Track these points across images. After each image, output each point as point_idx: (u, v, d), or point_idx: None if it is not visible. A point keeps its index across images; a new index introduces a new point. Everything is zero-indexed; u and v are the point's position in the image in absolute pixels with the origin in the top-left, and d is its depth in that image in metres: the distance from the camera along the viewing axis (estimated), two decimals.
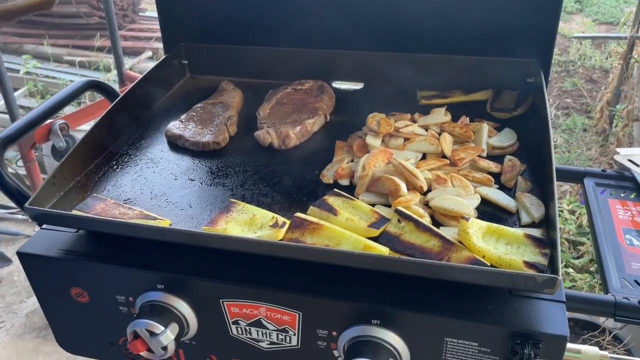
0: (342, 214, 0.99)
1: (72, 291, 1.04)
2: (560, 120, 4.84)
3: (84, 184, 1.17)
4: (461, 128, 1.23)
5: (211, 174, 1.21)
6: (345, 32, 1.48)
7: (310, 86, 1.48)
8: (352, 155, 1.22)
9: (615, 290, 0.98)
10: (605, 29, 6.68)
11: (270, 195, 1.13)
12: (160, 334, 0.93)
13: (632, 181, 1.28)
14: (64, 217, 1.02)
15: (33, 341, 2.78)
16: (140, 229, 0.96)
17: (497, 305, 0.86)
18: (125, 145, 1.32)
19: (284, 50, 1.55)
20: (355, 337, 0.88)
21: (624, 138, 3.98)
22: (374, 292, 0.89)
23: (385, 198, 1.07)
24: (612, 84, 4.34)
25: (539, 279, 0.78)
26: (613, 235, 1.13)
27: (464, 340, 0.85)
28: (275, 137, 1.27)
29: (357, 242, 0.92)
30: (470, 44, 1.40)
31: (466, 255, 0.88)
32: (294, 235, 0.96)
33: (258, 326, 0.97)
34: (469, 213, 0.98)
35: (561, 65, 5.82)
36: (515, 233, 0.92)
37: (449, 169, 1.14)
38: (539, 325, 0.82)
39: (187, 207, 1.10)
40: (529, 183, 1.09)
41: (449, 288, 0.88)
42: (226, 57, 1.61)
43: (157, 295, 0.96)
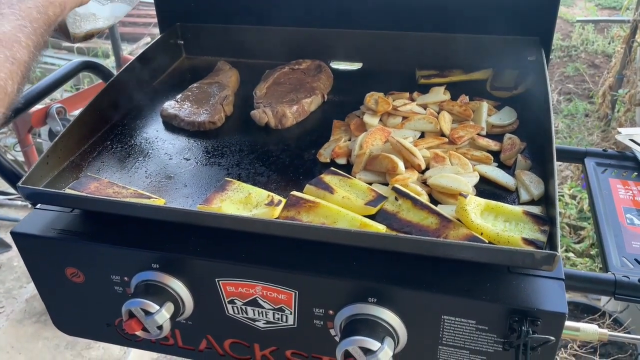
0: (338, 193, 0.98)
1: (67, 271, 1.03)
2: (562, 105, 4.81)
3: (78, 163, 1.16)
4: (460, 106, 1.22)
5: (207, 154, 1.19)
6: (343, 11, 1.46)
7: (308, 66, 1.46)
8: (349, 135, 1.20)
9: (615, 268, 0.97)
10: (608, 14, 6.62)
11: (266, 175, 1.11)
12: (156, 313, 0.92)
13: (634, 161, 1.27)
14: (57, 196, 1.01)
15: (33, 326, 2.79)
16: (134, 208, 0.95)
17: (495, 282, 0.85)
18: (120, 125, 1.30)
19: (281, 29, 1.53)
20: (351, 316, 0.88)
21: (626, 123, 3.95)
22: (370, 270, 0.88)
23: (382, 177, 1.06)
24: (614, 68, 4.31)
25: (538, 256, 0.77)
26: (614, 215, 1.12)
27: (462, 318, 0.85)
28: (271, 116, 1.26)
29: (353, 220, 0.91)
30: (470, 22, 1.37)
31: (464, 233, 0.87)
32: (290, 213, 0.95)
33: (254, 305, 0.96)
34: (467, 190, 0.97)
35: (563, 50, 5.77)
36: (514, 210, 0.91)
37: (447, 147, 1.12)
38: (537, 302, 0.81)
39: (182, 186, 1.09)
40: (528, 161, 1.07)
41: (447, 266, 0.87)
42: (222, 37, 1.58)
43: (152, 275, 0.96)
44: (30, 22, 0.74)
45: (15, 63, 0.69)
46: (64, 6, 0.84)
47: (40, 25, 0.76)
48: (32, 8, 0.75)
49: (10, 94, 0.68)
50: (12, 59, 0.68)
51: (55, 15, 0.82)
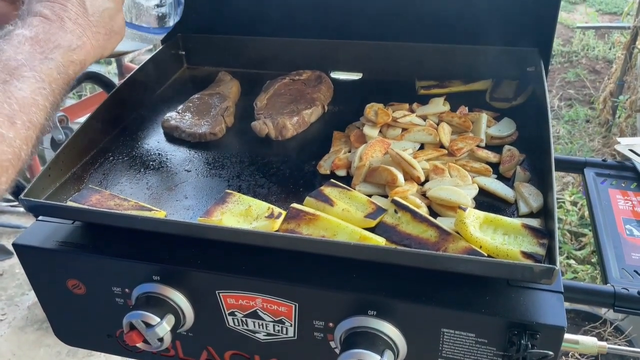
0: (338, 205, 0.99)
1: (68, 283, 1.04)
2: (563, 111, 4.81)
3: (79, 175, 1.17)
4: (460, 118, 1.22)
5: (207, 165, 1.20)
6: (343, 21, 1.47)
7: (308, 76, 1.47)
8: (349, 146, 1.21)
9: (615, 280, 0.98)
10: (609, 19, 6.63)
11: (267, 186, 1.12)
12: (156, 325, 0.92)
13: (633, 171, 1.27)
14: (59, 209, 1.02)
15: (35, 333, 2.79)
16: (135, 220, 0.96)
17: (494, 295, 0.85)
18: (122, 136, 1.31)
19: (281, 40, 1.54)
20: (351, 328, 0.88)
21: (626, 129, 3.95)
22: (370, 283, 0.89)
23: (382, 189, 1.06)
24: (615, 74, 4.31)
25: (537, 269, 0.78)
26: (613, 226, 1.12)
27: (461, 331, 0.85)
28: (272, 127, 1.26)
29: (353, 232, 0.91)
30: (469, 33, 1.38)
31: (463, 246, 0.88)
32: (290, 226, 0.95)
33: (254, 317, 0.96)
34: (467, 203, 0.97)
35: (564, 56, 5.78)
36: (513, 223, 0.91)
37: (447, 159, 1.13)
38: (536, 315, 0.81)
39: (183, 198, 1.10)
40: (527, 173, 1.08)
41: (446, 279, 0.87)
42: (223, 47, 1.59)
43: (153, 287, 0.96)
44: (49, 84, 0.74)
45: (31, 128, 0.69)
46: (84, 64, 0.84)
47: (59, 85, 0.77)
48: (53, 69, 0.76)
49: (24, 159, 0.69)
50: (28, 123, 0.68)
51: (75, 74, 0.82)
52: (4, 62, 0.70)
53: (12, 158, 0.66)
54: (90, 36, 0.85)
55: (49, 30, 0.79)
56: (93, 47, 0.86)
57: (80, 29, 0.83)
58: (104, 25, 0.89)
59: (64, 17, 0.81)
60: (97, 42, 0.87)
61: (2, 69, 0.69)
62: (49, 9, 0.81)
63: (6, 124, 0.65)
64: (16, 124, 0.67)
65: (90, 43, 0.85)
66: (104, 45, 0.90)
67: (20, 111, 0.68)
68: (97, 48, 0.88)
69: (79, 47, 0.82)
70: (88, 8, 0.85)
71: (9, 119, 0.66)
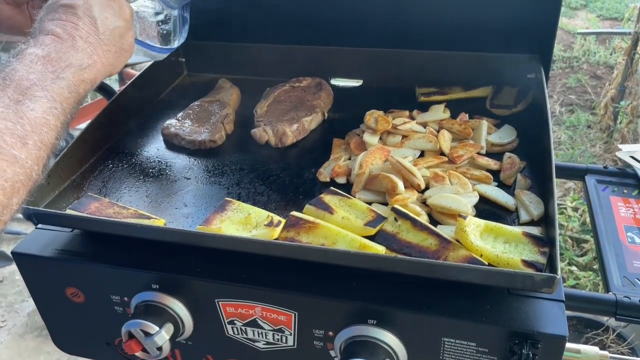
0: (338, 213, 0.98)
1: (67, 291, 1.03)
2: (564, 116, 4.81)
3: (79, 183, 1.17)
4: (460, 125, 1.22)
5: (207, 173, 1.20)
6: (343, 28, 1.47)
7: (308, 83, 1.47)
8: (349, 153, 1.21)
9: (617, 288, 0.97)
10: (610, 25, 6.64)
11: (266, 194, 1.12)
12: (155, 334, 0.92)
13: (634, 178, 1.27)
14: (58, 217, 1.01)
15: (35, 340, 2.79)
16: (134, 229, 0.95)
17: (495, 304, 0.85)
18: (121, 144, 1.31)
19: (281, 47, 1.54)
20: (351, 337, 0.87)
21: (628, 134, 3.95)
22: (370, 292, 0.88)
23: (382, 196, 1.06)
24: (616, 80, 4.31)
25: (538, 278, 0.77)
26: (615, 233, 1.11)
27: (462, 340, 0.84)
28: (272, 134, 1.26)
29: (353, 241, 0.91)
30: (469, 40, 1.38)
31: (464, 254, 0.87)
32: (290, 234, 0.95)
33: (254, 326, 0.96)
34: (467, 211, 0.97)
35: (565, 62, 5.79)
36: (513, 231, 0.91)
37: (447, 167, 1.12)
38: (537, 325, 0.81)
39: (182, 206, 1.10)
40: (528, 180, 1.07)
41: (446, 287, 0.86)
42: (224, 54, 1.60)
43: (152, 295, 0.96)
44: (60, 103, 0.75)
45: (42, 148, 0.70)
46: (94, 82, 0.85)
47: (70, 104, 0.78)
48: (64, 88, 0.77)
49: (35, 179, 0.69)
50: (39, 143, 0.69)
51: (85, 92, 0.83)
52: (17, 82, 0.71)
53: (24, 179, 0.66)
54: (101, 54, 0.86)
55: (60, 49, 0.79)
56: (103, 65, 0.87)
57: (91, 47, 0.84)
58: (114, 43, 0.89)
59: (75, 35, 0.82)
60: (108, 60, 0.88)
61: (15, 88, 0.70)
62: (61, 27, 0.82)
63: (18, 145, 0.66)
64: (28, 145, 0.67)
65: (101, 61, 0.86)
66: (114, 63, 0.91)
67: (32, 131, 0.68)
68: (107, 66, 0.89)
69: (90, 66, 0.83)
70: (99, 26, 0.86)
71: (22, 139, 0.66)
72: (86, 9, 0.85)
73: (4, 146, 0.64)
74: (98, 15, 0.86)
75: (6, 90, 0.69)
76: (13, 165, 0.65)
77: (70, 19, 0.83)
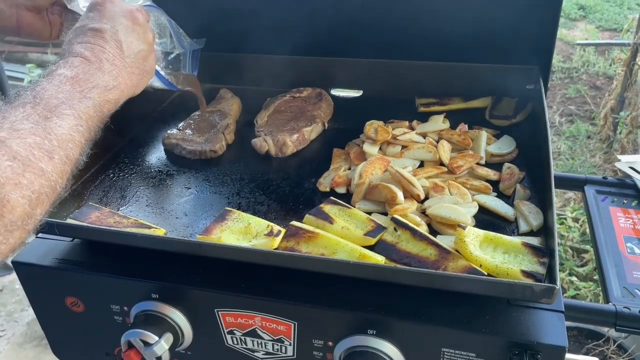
0: (338, 223, 0.99)
1: (67, 300, 1.03)
2: (564, 127, 4.82)
3: (80, 192, 1.17)
4: (459, 135, 1.22)
5: (207, 182, 1.20)
6: (343, 39, 1.48)
7: (309, 94, 1.48)
8: (349, 163, 1.21)
9: (616, 299, 0.97)
10: (609, 36, 6.66)
11: (267, 204, 1.12)
12: (155, 344, 0.92)
13: (634, 189, 1.27)
14: (58, 226, 1.01)
15: (34, 350, 2.77)
16: (134, 238, 0.96)
17: (494, 315, 0.85)
18: (122, 153, 1.31)
19: (282, 57, 1.55)
20: (351, 347, 0.87)
21: (628, 145, 3.95)
22: (370, 302, 0.88)
23: (382, 206, 1.06)
24: (615, 90, 4.32)
25: (537, 289, 0.77)
26: (614, 244, 1.11)
27: (461, 351, 0.84)
28: (272, 144, 1.27)
29: (352, 250, 0.91)
30: (469, 51, 1.39)
31: (463, 264, 0.87)
32: (289, 244, 0.95)
33: (253, 336, 0.95)
34: (466, 221, 0.97)
35: (564, 72, 5.80)
36: (513, 242, 0.91)
37: (446, 177, 1.13)
38: (537, 335, 0.81)
39: (183, 215, 1.10)
40: (527, 191, 1.08)
41: (446, 297, 0.86)
42: (224, 65, 1.60)
43: (151, 305, 0.96)
44: (86, 121, 0.79)
45: (67, 163, 0.73)
46: (118, 102, 0.89)
47: (94, 122, 0.82)
48: (90, 107, 0.80)
49: (58, 192, 0.72)
50: (65, 158, 0.73)
51: (109, 112, 0.87)
52: (46, 100, 0.74)
53: (48, 191, 0.69)
54: (126, 77, 0.90)
55: (88, 70, 0.83)
56: (127, 86, 0.91)
57: (116, 69, 0.88)
58: (137, 66, 0.94)
59: (102, 58, 0.86)
60: (131, 82, 0.92)
61: (44, 106, 0.73)
62: (90, 50, 0.86)
63: (45, 159, 0.69)
64: (54, 159, 0.71)
65: (125, 83, 0.90)
66: (137, 84, 0.95)
67: (58, 147, 0.72)
68: (131, 87, 0.93)
69: (115, 87, 0.87)
70: (124, 50, 0.90)
71: (49, 154, 0.70)
72: (113, 33, 0.89)
73: (33, 159, 0.67)
74: (124, 39, 0.91)
75: (36, 107, 0.72)
76: (40, 177, 0.68)
77: (98, 42, 0.87)
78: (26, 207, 0.65)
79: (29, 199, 0.66)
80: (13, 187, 0.64)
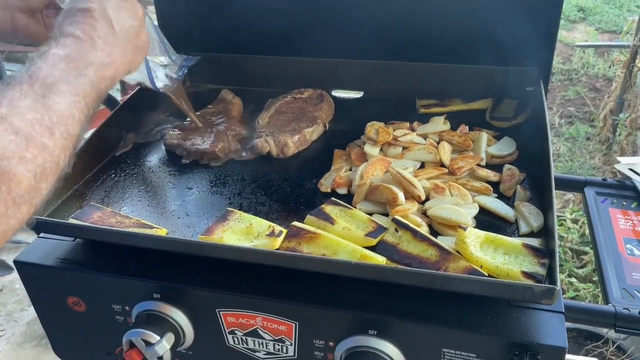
0: (339, 223, 0.99)
1: (68, 300, 1.04)
2: (564, 128, 4.83)
3: (81, 192, 1.17)
4: (460, 137, 1.23)
5: (209, 183, 1.21)
6: (344, 41, 1.48)
7: (310, 95, 1.48)
8: (350, 164, 1.21)
9: (616, 300, 0.97)
10: (609, 38, 6.67)
11: (268, 204, 1.12)
12: (156, 343, 0.92)
13: (633, 190, 1.27)
14: (60, 226, 1.02)
15: (34, 349, 2.77)
16: (136, 238, 0.96)
17: (495, 315, 0.85)
18: (124, 153, 1.32)
19: (283, 58, 1.55)
20: (352, 348, 0.88)
21: (627, 147, 3.96)
22: (370, 302, 0.89)
23: (383, 207, 1.07)
24: (615, 92, 4.33)
25: (537, 290, 0.78)
26: (614, 245, 1.12)
27: (462, 351, 0.85)
28: (273, 145, 1.27)
29: (354, 251, 0.92)
30: (470, 52, 1.40)
31: (464, 265, 0.88)
32: (291, 244, 0.96)
33: (254, 336, 0.96)
34: (467, 222, 0.97)
35: (564, 74, 5.81)
36: (513, 243, 0.92)
37: (447, 178, 1.13)
38: (537, 336, 0.81)
39: (185, 215, 1.10)
40: (527, 192, 1.08)
41: (447, 298, 0.87)
42: (226, 65, 1.61)
43: (153, 305, 0.96)
44: (83, 97, 0.79)
45: (68, 138, 0.73)
46: (114, 79, 0.89)
47: (92, 99, 0.81)
48: (86, 84, 0.80)
49: (62, 167, 0.73)
50: (65, 134, 0.73)
51: (106, 89, 0.87)
52: (42, 79, 0.74)
53: (52, 166, 0.70)
54: (119, 53, 0.90)
55: (81, 49, 0.83)
56: (122, 63, 0.91)
57: (109, 46, 0.88)
58: (130, 41, 0.93)
59: (94, 36, 0.86)
60: (126, 58, 0.92)
61: (41, 84, 0.74)
62: (80, 29, 0.85)
63: (47, 134, 0.70)
64: (55, 134, 0.71)
65: (120, 59, 0.90)
66: (132, 60, 0.95)
67: (58, 122, 0.72)
68: (126, 64, 0.92)
69: (110, 64, 0.87)
70: (115, 27, 0.90)
71: (49, 129, 0.70)
72: (101, 11, 0.89)
73: (35, 134, 0.68)
74: (113, 16, 0.90)
75: (33, 86, 0.73)
76: (43, 152, 0.68)
77: (87, 21, 0.87)
78: (32, 181, 0.66)
79: (34, 172, 0.66)
80: (18, 160, 0.64)
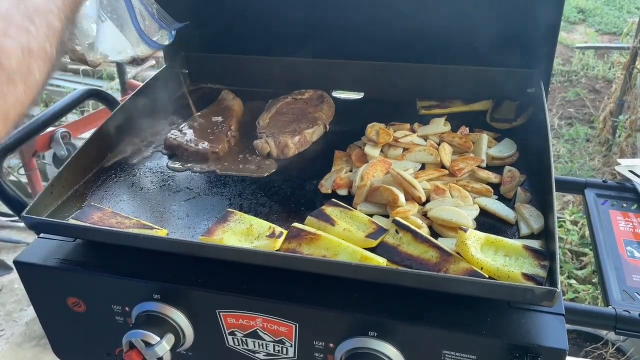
0: (339, 224, 0.99)
1: (68, 300, 1.04)
2: (563, 130, 4.83)
3: (82, 192, 1.17)
4: (460, 138, 1.23)
5: (209, 183, 1.21)
6: (345, 42, 1.48)
7: (310, 96, 1.48)
8: (350, 165, 1.21)
9: (616, 302, 0.97)
10: (608, 39, 6.68)
11: (268, 205, 1.12)
12: (156, 344, 0.92)
13: (633, 192, 1.27)
14: (60, 226, 1.02)
15: (33, 350, 2.77)
16: (136, 239, 0.96)
17: (495, 317, 0.85)
18: (124, 154, 1.32)
19: (284, 59, 1.55)
20: (352, 349, 0.88)
21: (627, 148, 3.96)
22: (371, 304, 0.88)
23: (383, 208, 1.06)
24: (615, 94, 4.33)
25: (538, 292, 0.78)
26: (614, 247, 1.12)
27: (462, 353, 0.84)
28: (274, 146, 1.27)
29: (354, 252, 0.91)
30: (470, 54, 1.40)
31: (464, 267, 0.88)
32: (291, 245, 0.96)
33: (254, 337, 0.96)
34: (467, 224, 0.97)
35: (564, 75, 5.81)
36: (514, 244, 0.92)
37: (447, 180, 1.13)
38: (537, 338, 0.81)
39: (185, 216, 1.10)
40: (528, 194, 1.08)
41: (447, 300, 0.87)
42: (226, 66, 1.61)
43: (153, 306, 0.96)
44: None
45: (49, 29, 0.71)
46: None
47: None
48: None
49: (50, 55, 0.70)
50: (46, 23, 0.71)
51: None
52: None
53: (39, 51, 0.68)
54: None
55: None
56: None
57: None
58: None
59: None
60: None
61: None
62: None
63: (26, 20, 0.68)
64: (35, 22, 0.69)
65: None
66: None
67: (35, 12, 0.70)
68: None
69: None
70: None
71: (28, 17, 0.68)
72: None
73: (14, 18, 0.66)
74: None
75: None
76: (26, 34, 0.67)
77: None
78: (20, 56, 0.64)
79: (22, 48, 0.65)
80: (2, 36, 0.63)
